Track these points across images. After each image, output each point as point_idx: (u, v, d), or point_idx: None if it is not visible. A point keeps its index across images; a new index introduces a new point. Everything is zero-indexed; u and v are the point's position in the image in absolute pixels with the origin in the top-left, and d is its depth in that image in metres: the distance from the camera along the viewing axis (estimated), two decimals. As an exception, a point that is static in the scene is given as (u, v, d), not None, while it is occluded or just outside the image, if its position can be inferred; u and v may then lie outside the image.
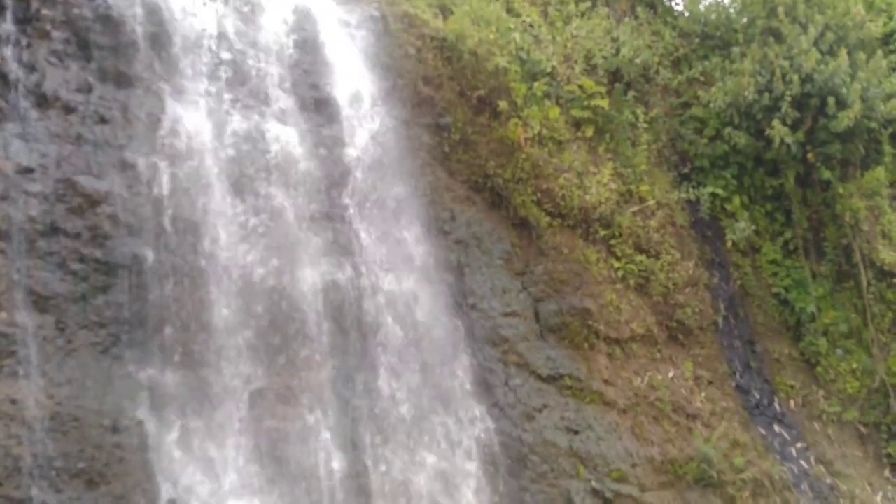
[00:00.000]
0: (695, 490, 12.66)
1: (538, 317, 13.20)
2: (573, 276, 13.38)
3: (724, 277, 14.89)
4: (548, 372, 12.71)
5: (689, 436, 13.10)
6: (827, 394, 14.46)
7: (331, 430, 10.86)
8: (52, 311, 9.35)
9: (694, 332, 14.15)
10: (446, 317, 12.76)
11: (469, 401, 12.32)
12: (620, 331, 13.45)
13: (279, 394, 10.74)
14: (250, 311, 10.78)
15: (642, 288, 13.93)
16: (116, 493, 8.84)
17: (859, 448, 14.27)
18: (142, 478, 9.07)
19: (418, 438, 11.58)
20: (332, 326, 11.52)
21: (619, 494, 12.11)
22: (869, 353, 14.58)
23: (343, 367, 11.46)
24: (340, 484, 10.57)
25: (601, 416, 12.68)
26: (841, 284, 14.97)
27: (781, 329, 14.91)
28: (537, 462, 12.08)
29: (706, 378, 13.94)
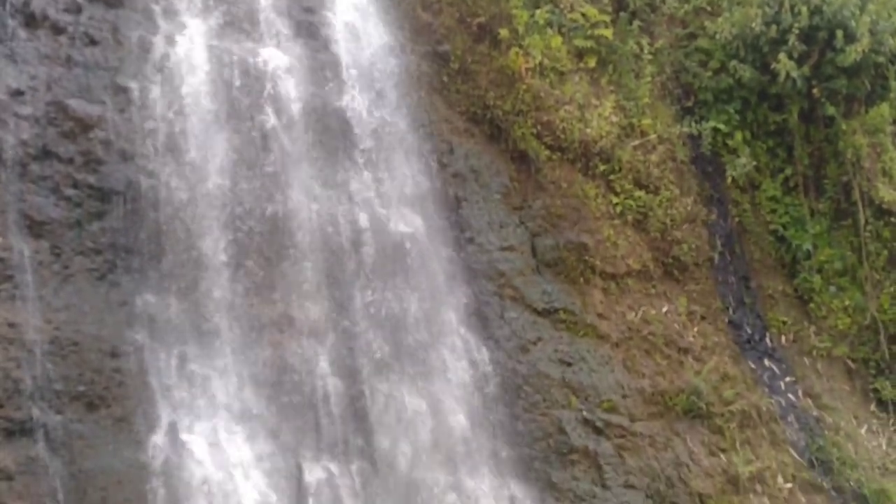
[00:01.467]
0: (683, 421, 12.86)
1: (535, 251, 13.16)
2: (571, 211, 13.35)
3: (723, 214, 14.84)
4: (543, 306, 12.74)
5: (681, 369, 13.25)
6: (818, 330, 14.56)
7: (328, 357, 10.97)
8: (46, 237, 9.34)
9: (689, 268, 14.17)
10: (443, 250, 12.73)
11: (465, 332, 12.29)
12: (616, 266, 13.47)
13: (276, 322, 10.77)
14: (246, 239, 10.73)
15: (640, 224, 13.89)
16: (117, 416, 8.95)
17: (847, 383, 14.45)
18: (142, 401, 9.18)
19: (414, 367, 11.71)
20: (327, 256, 11.51)
21: (610, 424, 12.32)
22: (862, 291, 14.63)
23: (339, 297, 11.48)
24: (338, 410, 10.69)
25: (594, 349, 12.81)
26: (838, 222, 14.91)
27: (777, 266, 14.93)
28: (530, 392, 12.26)
29: (699, 313, 14.03)
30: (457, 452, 11.51)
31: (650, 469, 12.30)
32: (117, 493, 8.63)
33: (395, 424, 11.19)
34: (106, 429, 8.87)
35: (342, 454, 10.64)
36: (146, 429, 9.11)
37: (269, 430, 10.16)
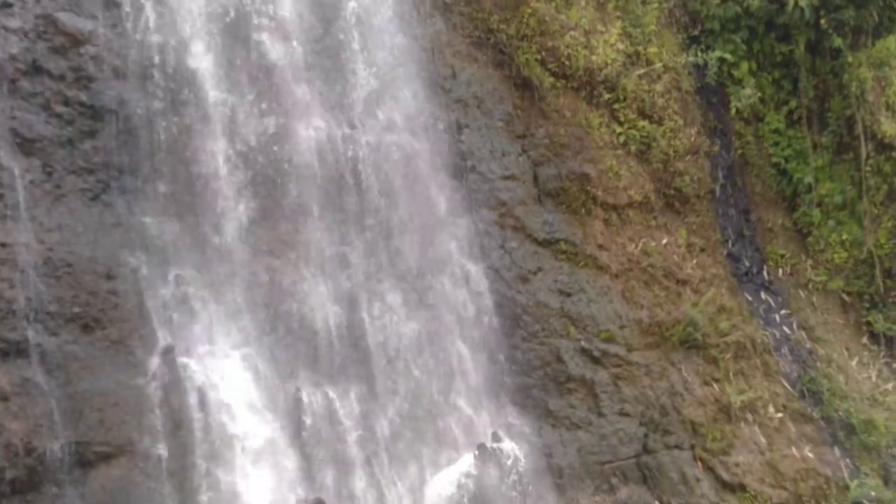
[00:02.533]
0: (679, 351, 12.64)
1: (537, 181, 12.71)
2: (574, 141, 12.84)
3: (725, 146, 14.39)
4: (544, 236, 12.36)
5: (678, 300, 12.98)
6: (815, 263, 14.31)
7: (327, 283, 10.59)
8: (38, 155, 8.79)
9: (691, 199, 13.76)
10: (444, 178, 12.25)
11: (465, 262, 11.95)
12: (618, 197, 13.04)
13: (274, 247, 10.33)
14: (243, 162, 10.20)
15: (643, 154, 13.41)
16: (113, 338, 8.57)
17: (841, 316, 14.27)
18: (138, 324, 8.79)
19: (414, 295, 11.34)
20: (327, 182, 11.01)
21: (607, 353, 12.07)
22: (860, 225, 14.35)
23: (339, 224, 11.00)
24: (337, 336, 10.34)
25: (594, 280, 12.48)
26: (840, 156, 14.53)
27: (777, 199, 14.58)
28: (529, 322, 11.95)
29: (699, 245, 13.69)
30: (455, 380, 11.26)
31: (645, 398, 12.12)
32: (114, 415, 8.30)
33: (394, 352, 10.88)
34: (102, 351, 8.50)
35: (341, 380, 10.37)
36: (143, 351, 8.74)
37: (268, 356, 9.81)
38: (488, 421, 11.24)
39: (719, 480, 12.00)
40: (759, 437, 12.48)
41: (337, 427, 10.03)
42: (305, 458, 9.66)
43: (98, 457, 8.16)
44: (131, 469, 8.28)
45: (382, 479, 10.10)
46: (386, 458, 10.27)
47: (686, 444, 12.10)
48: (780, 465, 12.30)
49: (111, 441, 8.25)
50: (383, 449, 10.29)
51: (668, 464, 11.88)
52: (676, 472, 11.85)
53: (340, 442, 9.96)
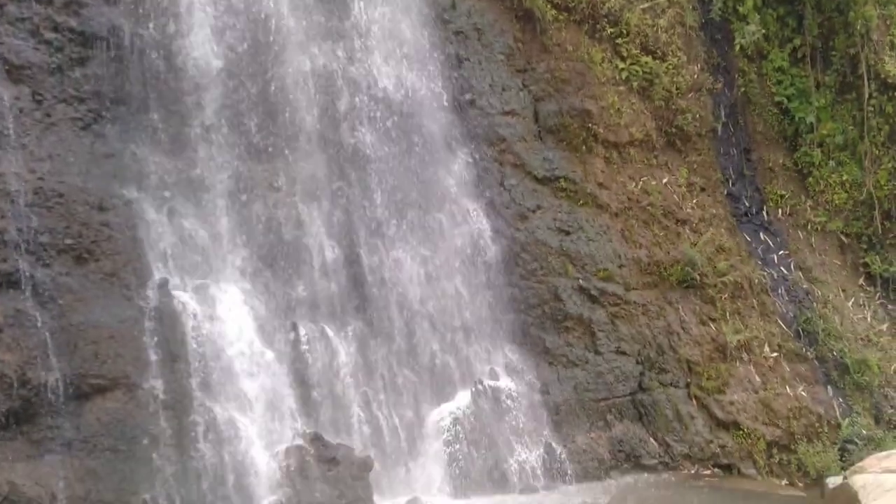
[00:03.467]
0: (677, 290, 12.45)
1: (537, 117, 12.33)
2: (576, 76, 12.44)
3: (728, 83, 13.98)
4: (544, 173, 12.05)
5: (677, 240, 12.74)
6: (814, 204, 14.04)
7: (323, 219, 10.32)
8: (27, 82, 8.44)
9: (692, 138, 13.41)
10: (442, 112, 11.89)
11: (463, 198, 11.68)
12: (619, 135, 12.69)
13: (271, 181, 10.01)
14: (238, 93, 9.87)
15: (645, 91, 13.01)
16: (106, 271, 8.35)
17: (838, 257, 14.08)
18: (132, 257, 8.57)
19: (412, 232, 11.10)
20: (324, 115, 10.64)
21: (605, 292, 11.88)
22: (860, 166, 14.04)
23: (335, 158, 10.69)
24: (334, 272, 10.15)
25: (593, 219, 12.21)
26: (843, 96, 14.12)
27: (779, 139, 14.23)
28: (528, 260, 11.72)
29: (699, 185, 13.40)
30: (453, 317, 11.07)
31: (642, 336, 12.00)
32: (109, 347, 8.14)
33: (392, 288, 10.69)
34: (95, 283, 8.29)
35: (338, 316, 10.20)
36: (138, 284, 8.53)
37: (264, 290, 9.63)
38: (486, 358, 11.13)
39: (713, 418, 11.93)
40: (754, 376, 12.40)
41: (334, 363, 9.89)
42: (303, 393, 9.56)
43: (93, 389, 8.03)
44: (127, 402, 8.16)
45: (380, 414, 10.00)
46: (383, 394, 10.16)
47: (681, 382, 12.02)
48: (774, 404, 12.23)
49: (106, 374, 8.11)
50: (380, 385, 10.17)
51: (663, 401, 11.81)
52: (671, 409, 11.78)
53: (338, 377, 9.83)
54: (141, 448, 8.14)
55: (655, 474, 11.34)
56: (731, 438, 11.87)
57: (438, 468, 10.03)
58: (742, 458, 11.83)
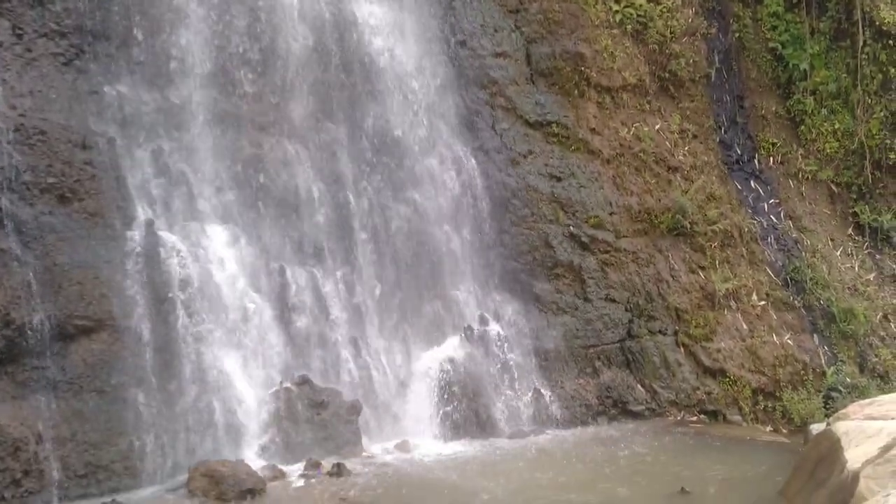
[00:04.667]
0: (667, 238, 12.42)
1: (529, 59, 12.14)
2: (569, 18, 12.22)
3: (723, 28, 13.79)
4: (535, 118, 11.92)
5: (668, 187, 12.67)
6: (806, 153, 13.97)
7: (311, 160, 10.18)
8: (6, 15, 8.15)
9: (685, 84, 13.26)
10: (433, 53, 11.70)
11: (454, 142, 11.56)
12: (612, 79, 12.52)
13: (257, 121, 9.81)
14: (223, 28, 9.63)
15: (639, 35, 12.82)
16: (90, 210, 8.16)
17: (828, 206, 14.07)
18: (116, 196, 8.39)
19: (401, 175, 10.96)
20: (312, 53, 10.44)
21: (595, 239, 11.84)
22: (853, 115, 13.93)
23: (324, 99, 10.48)
24: (322, 215, 10.05)
25: (585, 165, 12.12)
26: (837, 43, 13.96)
27: (772, 86, 14.09)
28: (519, 206, 11.63)
29: (691, 132, 13.29)
30: (443, 262, 11.03)
31: (631, 284, 11.99)
32: (94, 288, 8.00)
33: (381, 232, 10.59)
34: (80, 223, 8.11)
35: (327, 260, 10.11)
36: (122, 225, 8.37)
37: (252, 232, 9.52)
38: (475, 304, 11.12)
39: (700, 365, 12.00)
40: (742, 324, 12.45)
41: (322, 307, 9.83)
42: (291, 337, 9.52)
43: (78, 330, 7.91)
44: (112, 343, 8.06)
45: (368, 358, 9.99)
46: (372, 339, 10.14)
47: (670, 329, 12.06)
48: (760, 352, 12.30)
49: (91, 315, 7.99)
50: (369, 330, 10.15)
51: (651, 349, 11.87)
52: (659, 356, 11.85)
53: (326, 322, 9.78)
54: (127, 390, 8.07)
55: (642, 420, 11.43)
56: (717, 385, 11.95)
57: (427, 412, 10.06)
58: (728, 404, 11.92)
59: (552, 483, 8.39)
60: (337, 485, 8.22)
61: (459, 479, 8.48)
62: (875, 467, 6.57)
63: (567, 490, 8.13)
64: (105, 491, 7.75)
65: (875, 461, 6.63)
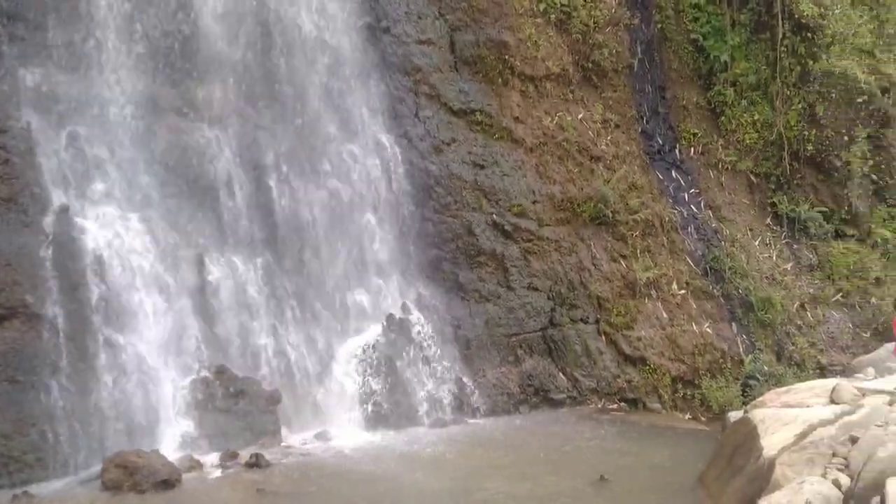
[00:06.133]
0: (589, 227, 13.11)
1: (453, 47, 12.66)
2: (493, 6, 12.79)
3: (645, 19, 14.54)
4: (459, 105, 12.47)
5: (591, 176, 13.37)
6: (726, 143, 14.78)
7: (231, 146, 10.52)
8: (-89, -6, 8.37)
9: (608, 74, 14.00)
10: (357, 38, 12.12)
11: (376, 129, 12.01)
12: (536, 68, 13.19)
13: (176, 105, 10.12)
14: (142, 11, 9.90)
15: (562, 24, 13.49)
16: (3, 196, 8.39)
17: (747, 196, 14.95)
18: (30, 182, 8.61)
19: (323, 162, 11.38)
20: (234, 38, 10.75)
21: (518, 228, 12.46)
22: (772, 107, 14.78)
23: (246, 84, 10.83)
24: (242, 202, 10.40)
25: (508, 153, 12.74)
26: (757, 35, 14.78)
27: (693, 77, 14.89)
28: (442, 194, 12.19)
29: (614, 121, 14.05)
30: (364, 250, 11.50)
31: (554, 272, 12.67)
32: (6, 275, 8.20)
33: (302, 219, 11.00)
34: (-9, 209, 8.34)
35: (247, 247, 10.47)
36: (36, 211, 8.58)
37: (169, 219, 9.80)
38: (397, 292, 11.62)
39: (621, 353, 12.71)
40: (662, 313, 13.20)
41: (241, 295, 10.19)
42: (209, 325, 9.83)
43: (-10, 318, 8.12)
44: (26, 331, 8.27)
45: (288, 347, 10.38)
46: (293, 327, 10.53)
47: (591, 318, 12.77)
48: (680, 340, 13.05)
49: (4, 303, 8.19)
50: (289, 318, 10.52)
51: (573, 337, 12.56)
52: (581, 345, 12.53)
53: (245, 310, 10.14)
54: (40, 379, 8.30)
55: (564, 408, 12.06)
56: (637, 373, 12.66)
57: (348, 402, 10.52)
58: (648, 392, 12.65)
59: (473, 472, 8.80)
60: (255, 475, 8.50)
61: (379, 468, 8.87)
62: (791, 454, 7.06)
63: (488, 479, 8.56)
64: (16, 483, 7.97)
65: (791, 448, 7.12)
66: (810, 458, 7.03)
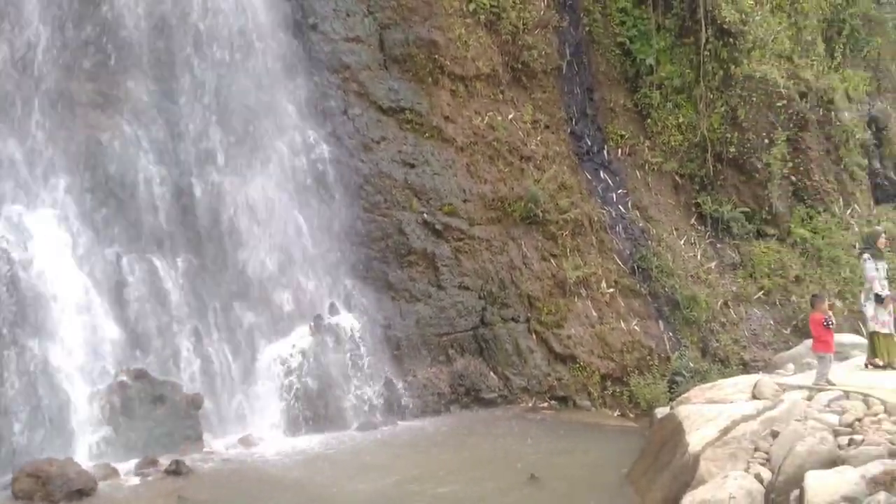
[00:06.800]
0: (520, 227, 12.93)
1: (383, 45, 12.34)
2: (422, 5, 12.50)
3: (574, 22, 14.45)
4: (389, 104, 12.15)
5: (521, 176, 13.23)
6: (652, 145, 14.80)
7: (152, 143, 10.03)
8: None
9: (538, 75, 13.86)
10: (283, 35, 11.74)
11: (305, 127, 11.62)
12: (466, 67, 12.95)
13: (94, 101, 9.63)
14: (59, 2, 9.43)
15: (492, 25, 13.28)
16: None
17: (673, 197, 15.00)
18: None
19: (249, 160, 10.95)
20: (155, 31, 10.30)
21: (449, 227, 12.20)
22: (696, 110, 14.85)
23: (168, 80, 10.37)
24: (162, 200, 9.90)
25: (439, 152, 12.48)
26: (682, 39, 14.82)
27: (620, 79, 14.87)
28: (371, 192, 11.86)
29: (544, 122, 13.93)
30: (292, 250, 11.10)
31: (485, 272, 12.47)
32: None
33: (226, 218, 10.57)
34: None
35: (167, 247, 9.99)
36: (-60, 208, 8.04)
37: (85, 218, 9.29)
38: (326, 293, 11.24)
39: (552, 352, 12.56)
40: (591, 311, 13.13)
41: (161, 296, 9.71)
42: (127, 328, 9.33)
43: None
44: (-75, 339, 7.74)
45: (211, 349, 9.93)
46: (215, 329, 10.06)
47: (522, 317, 12.59)
48: (609, 338, 12.97)
49: None
50: (212, 319, 10.06)
51: (504, 336, 12.36)
52: (511, 343, 12.34)
53: (165, 312, 9.66)
54: (-56, 386, 7.76)
55: (495, 407, 11.84)
56: (567, 372, 12.51)
57: (273, 405, 10.12)
58: (577, 390, 12.51)
59: (403, 475, 8.54)
60: (174, 483, 8.15)
61: (304, 474, 8.54)
62: (714, 449, 7.07)
63: (418, 481, 8.32)
64: (-79, 494, 7.38)
65: (714, 444, 7.12)
66: (733, 452, 7.04)
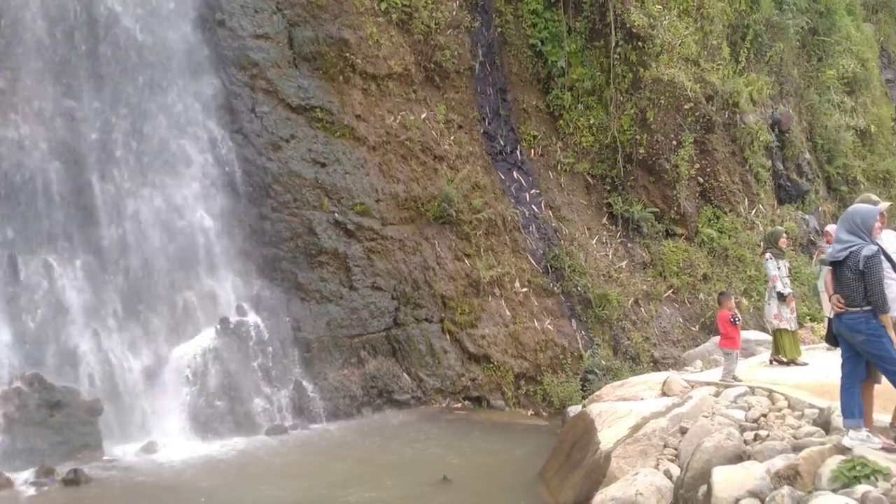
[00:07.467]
0: (433, 226, 12.78)
1: (292, 43, 12.01)
2: (333, 3, 12.20)
3: (486, 23, 14.38)
4: (298, 102, 11.84)
5: (435, 176, 13.08)
6: (564, 146, 14.86)
7: (49, 140, 9.52)
8: None
9: (451, 75, 13.74)
10: (188, 30, 11.35)
11: (210, 125, 11.24)
12: (378, 66, 12.74)
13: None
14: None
15: (404, 24, 13.11)
16: None
17: (585, 197, 15.08)
18: None
19: (151, 158, 10.53)
20: (53, 27, 9.82)
21: (361, 227, 11.97)
22: (606, 111, 14.97)
23: (66, 76, 9.88)
24: (60, 200, 9.44)
25: (350, 151, 12.25)
26: (592, 42, 14.89)
27: (533, 81, 14.85)
28: (280, 192, 11.53)
29: (457, 122, 13.82)
30: (196, 250, 10.71)
31: (398, 272, 12.29)
32: None
33: (127, 217, 10.12)
34: None
35: (65, 247, 9.53)
36: None
37: (-27, 217, 8.83)
38: (233, 294, 10.89)
39: (465, 352, 12.46)
40: (505, 311, 13.09)
41: (58, 298, 9.26)
42: (21, 331, 8.89)
43: None
44: None
45: (112, 354, 9.52)
46: (116, 332, 9.65)
47: (436, 317, 12.44)
48: (523, 337, 12.95)
49: None
50: (113, 322, 9.65)
51: (417, 336, 12.19)
52: (425, 344, 12.18)
53: (62, 314, 9.21)
54: None
55: (408, 409, 11.67)
56: (481, 372, 12.46)
57: (178, 410, 9.77)
58: (491, 390, 12.45)
59: (314, 480, 8.35)
60: (73, 493, 7.82)
61: (212, 481, 8.25)
62: (625, 447, 7.06)
63: (330, 486, 8.13)
64: None
65: (625, 441, 7.12)
66: (643, 449, 7.02)
